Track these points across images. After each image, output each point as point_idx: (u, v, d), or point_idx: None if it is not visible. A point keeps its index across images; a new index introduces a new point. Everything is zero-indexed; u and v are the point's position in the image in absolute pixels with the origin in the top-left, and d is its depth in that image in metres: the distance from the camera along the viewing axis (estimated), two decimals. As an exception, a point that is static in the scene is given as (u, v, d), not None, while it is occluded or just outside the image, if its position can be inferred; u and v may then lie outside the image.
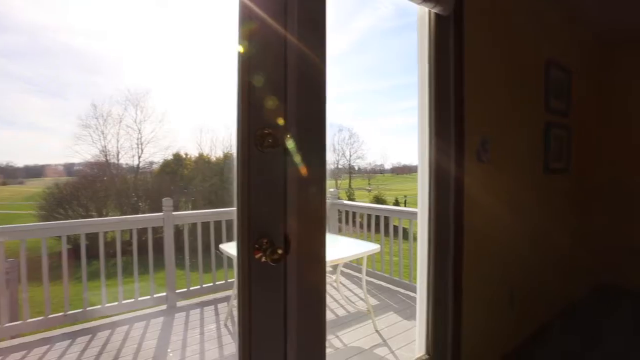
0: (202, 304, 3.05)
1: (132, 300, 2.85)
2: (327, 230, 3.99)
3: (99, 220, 3.14)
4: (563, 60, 2.41)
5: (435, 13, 1.42)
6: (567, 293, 2.65)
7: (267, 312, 0.84)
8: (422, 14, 1.47)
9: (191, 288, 3.17)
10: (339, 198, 4.25)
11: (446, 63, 1.47)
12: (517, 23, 1.95)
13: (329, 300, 3.02)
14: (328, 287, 3.25)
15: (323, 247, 0.92)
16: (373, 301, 2.97)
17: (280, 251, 0.76)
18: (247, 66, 0.79)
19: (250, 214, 0.78)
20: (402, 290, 3.14)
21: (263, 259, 0.78)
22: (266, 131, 0.79)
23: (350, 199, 10.74)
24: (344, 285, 3.35)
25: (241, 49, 0.78)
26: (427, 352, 1.53)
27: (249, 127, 0.77)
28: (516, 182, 2.00)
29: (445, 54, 1.46)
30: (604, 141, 3.12)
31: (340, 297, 2.95)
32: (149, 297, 2.92)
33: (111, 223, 3.10)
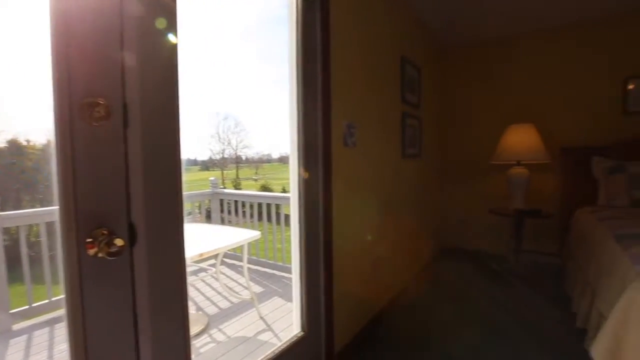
0: (52, 322, 2.50)
1: None
2: (209, 221, 3.78)
3: None
4: (414, 58, 2.80)
5: (302, -3, 1.44)
6: (420, 257, 3.16)
7: (109, 320, 0.71)
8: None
9: (34, 305, 2.55)
10: (223, 187, 4.06)
11: (313, 49, 1.51)
12: (377, 20, 2.15)
13: (210, 293, 2.87)
14: (210, 279, 3.09)
15: (181, 236, 0.84)
16: (258, 288, 2.95)
17: (119, 242, 0.65)
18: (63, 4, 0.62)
19: (78, 201, 0.64)
20: (286, 275, 3.22)
21: (100, 254, 0.66)
22: (99, 101, 0.65)
23: (237, 189, 10.44)
24: (226, 276, 3.24)
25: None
26: (303, 329, 1.59)
27: (70, 93, 0.62)
28: (379, 165, 2.24)
29: (313, 40, 1.50)
30: (444, 130, 3.82)
31: (222, 288, 2.84)
32: (-36, 324, 2.23)
33: None
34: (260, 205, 3.42)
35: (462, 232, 3.79)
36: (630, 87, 2.95)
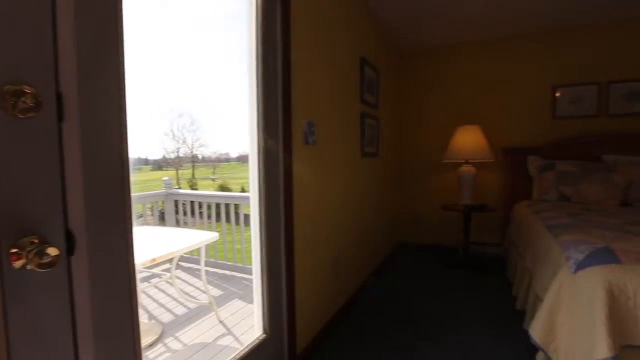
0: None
1: None
2: (163, 224, 3.58)
3: None
4: (373, 60, 2.87)
5: (261, -8, 1.41)
6: (378, 253, 3.26)
7: (42, 343, 0.62)
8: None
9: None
10: (179, 187, 3.87)
11: (273, 46, 1.49)
12: (338, 20, 2.16)
13: (165, 299, 2.73)
14: (164, 285, 2.94)
15: (129, 241, 0.78)
16: (217, 291, 2.86)
17: (53, 251, 0.58)
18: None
19: None
20: (247, 276, 3.15)
21: (29, 267, 0.59)
22: (25, 89, 0.58)
23: (193, 189, 10.02)
24: (182, 280, 3.10)
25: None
26: (265, 331, 1.57)
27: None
28: (340, 163, 2.26)
29: (273, 37, 1.48)
30: (400, 130, 3.97)
31: (177, 294, 2.71)
32: None
33: None
34: (218, 205, 3.31)
35: (418, 227, 3.97)
36: (558, 94, 3.29)
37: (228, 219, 3.26)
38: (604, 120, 3.15)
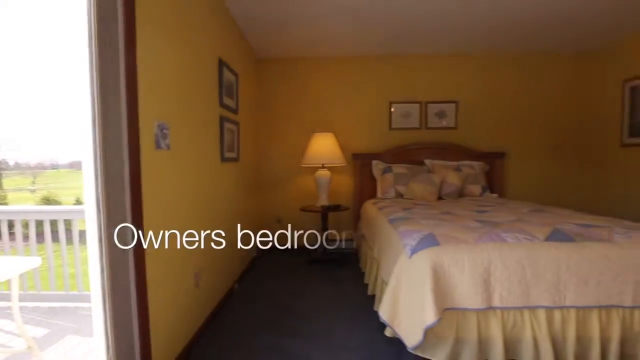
0: None
1: None
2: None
3: None
4: (232, 63, 2.82)
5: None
6: (243, 259, 3.21)
7: None
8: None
9: None
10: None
11: (114, 38, 1.27)
12: (191, 16, 2.02)
13: (-50, 359, 1.97)
14: (-53, 341, 2.12)
15: None
16: (40, 331, 2.25)
17: None
18: None
19: None
20: (84, 305, 2.59)
21: None
22: None
23: (1, 204, 7.68)
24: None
25: None
26: (109, 367, 1.32)
27: None
28: (198, 169, 2.12)
29: (112, 27, 1.26)
30: (261, 135, 4.05)
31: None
32: None
33: None
34: (41, 222, 2.61)
35: (280, 230, 4.09)
36: (392, 109, 4.01)
37: (56, 238, 2.62)
38: (424, 132, 4.00)
